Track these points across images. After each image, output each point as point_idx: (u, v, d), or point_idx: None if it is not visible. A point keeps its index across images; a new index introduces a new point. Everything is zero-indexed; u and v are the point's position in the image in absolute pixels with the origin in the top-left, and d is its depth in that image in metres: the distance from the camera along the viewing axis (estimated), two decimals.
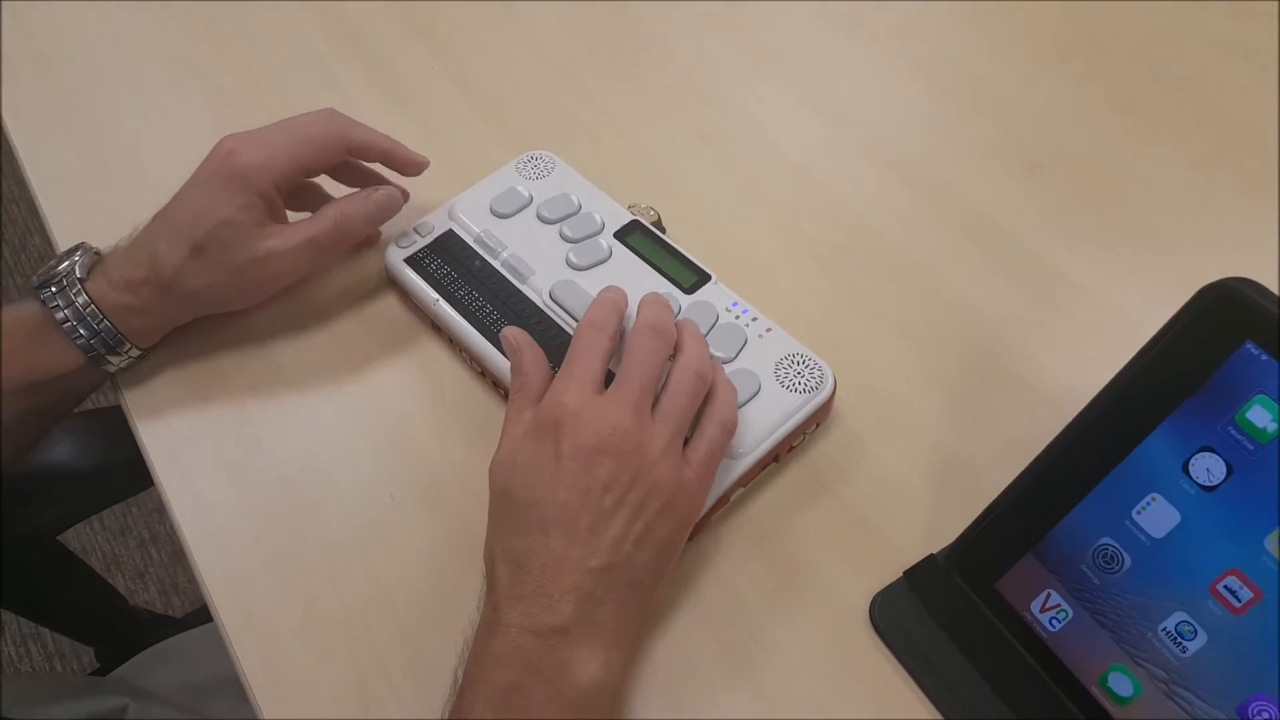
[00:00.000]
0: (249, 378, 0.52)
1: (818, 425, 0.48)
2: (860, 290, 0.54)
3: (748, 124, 0.63)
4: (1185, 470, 0.37)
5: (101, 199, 0.60)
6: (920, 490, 0.46)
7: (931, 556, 0.44)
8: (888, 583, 0.44)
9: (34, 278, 0.50)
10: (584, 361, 0.42)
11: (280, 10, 0.71)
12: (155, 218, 0.50)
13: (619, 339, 0.44)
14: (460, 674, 0.38)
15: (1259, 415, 0.35)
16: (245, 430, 0.50)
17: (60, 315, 0.48)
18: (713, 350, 0.47)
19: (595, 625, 0.37)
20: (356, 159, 0.54)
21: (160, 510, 1.37)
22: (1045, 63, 0.65)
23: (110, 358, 0.49)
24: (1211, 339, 0.36)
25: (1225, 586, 0.36)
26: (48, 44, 0.70)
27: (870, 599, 0.43)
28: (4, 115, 0.65)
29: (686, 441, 0.42)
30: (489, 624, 0.38)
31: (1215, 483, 0.36)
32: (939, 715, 0.41)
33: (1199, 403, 0.36)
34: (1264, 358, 0.34)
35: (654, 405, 0.41)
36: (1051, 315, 0.52)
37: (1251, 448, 0.35)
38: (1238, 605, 0.36)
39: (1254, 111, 0.61)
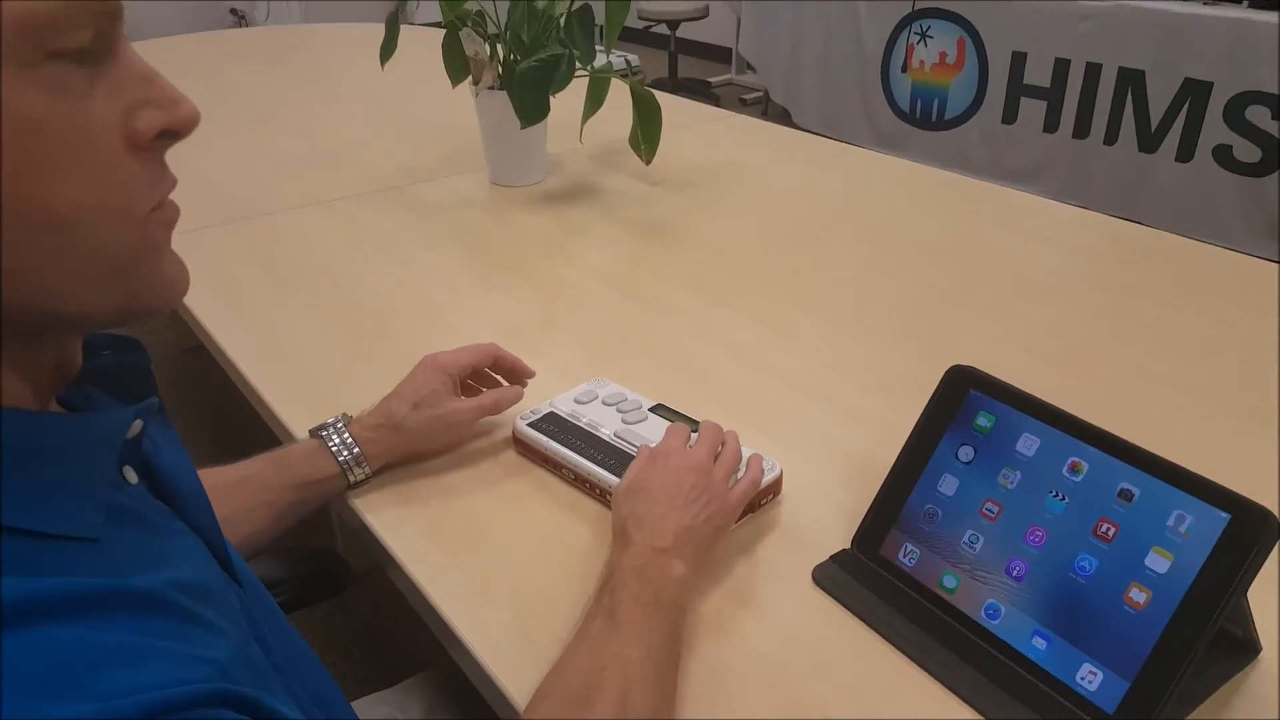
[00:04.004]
0: (431, 492, 0.85)
1: (774, 495, 0.82)
2: (798, 446, 0.91)
3: (726, 371, 1.04)
4: (956, 456, 0.73)
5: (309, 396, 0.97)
6: (840, 526, 0.80)
7: (845, 548, 0.77)
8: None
9: (308, 430, 0.85)
10: (676, 434, 0.78)
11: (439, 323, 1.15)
12: (385, 398, 0.87)
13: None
14: (605, 566, 0.69)
15: (983, 420, 0.72)
16: (432, 520, 0.83)
17: (331, 443, 0.83)
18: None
19: (681, 553, 0.69)
20: (497, 364, 0.93)
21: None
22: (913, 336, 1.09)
23: (355, 469, 0.83)
24: (955, 392, 0.74)
25: (986, 509, 0.70)
26: (271, 337, 1.11)
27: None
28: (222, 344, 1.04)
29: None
30: (623, 545, 0.69)
31: (970, 460, 0.72)
32: (860, 621, 0.71)
33: (956, 423, 0.73)
34: (979, 395, 0.73)
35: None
36: None
37: (983, 438, 0.72)
38: (993, 516, 0.70)
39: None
